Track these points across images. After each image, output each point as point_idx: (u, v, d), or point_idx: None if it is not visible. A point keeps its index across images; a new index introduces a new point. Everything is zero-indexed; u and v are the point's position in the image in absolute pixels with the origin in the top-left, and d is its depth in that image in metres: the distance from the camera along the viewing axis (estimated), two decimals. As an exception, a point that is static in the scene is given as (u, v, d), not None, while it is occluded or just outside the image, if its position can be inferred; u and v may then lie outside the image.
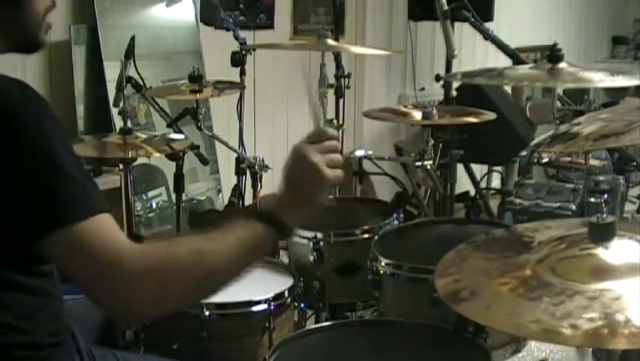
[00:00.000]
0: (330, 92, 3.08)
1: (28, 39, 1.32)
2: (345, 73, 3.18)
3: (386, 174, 3.18)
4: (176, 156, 2.57)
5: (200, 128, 2.75)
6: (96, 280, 1.19)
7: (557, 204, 3.66)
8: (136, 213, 2.76)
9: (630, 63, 7.82)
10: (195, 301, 1.49)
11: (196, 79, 2.68)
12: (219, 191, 3.66)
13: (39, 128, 1.19)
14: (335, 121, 3.02)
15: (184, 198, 3.04)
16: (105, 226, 1.20)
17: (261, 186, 2.82)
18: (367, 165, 3.14)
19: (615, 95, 5.22)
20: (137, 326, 2.00)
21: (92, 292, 1.22)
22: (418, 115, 2.78)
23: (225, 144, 2.91)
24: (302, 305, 2.23)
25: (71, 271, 1.22)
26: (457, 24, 3.19)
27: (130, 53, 2.55)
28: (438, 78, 3.98)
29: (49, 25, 1.33)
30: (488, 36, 3.10)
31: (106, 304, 1.23)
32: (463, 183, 4.48)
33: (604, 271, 1.25)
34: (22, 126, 1.17)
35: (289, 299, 2.04)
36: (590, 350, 1.74)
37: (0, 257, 1.23)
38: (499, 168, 4.67)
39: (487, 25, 3.45)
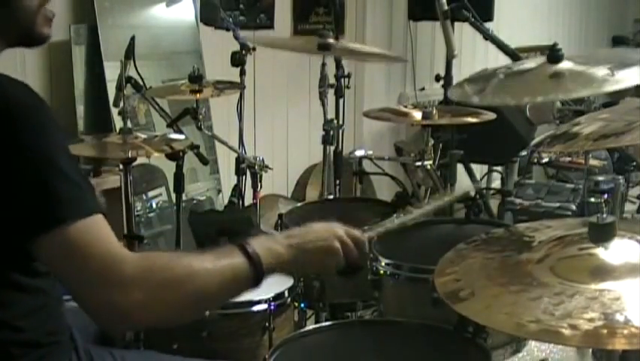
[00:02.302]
0: (330, 92, 3.08)
1: (24, 34, 1.32)
2: (345, 73, 3.17)
3: (386, 174, 3.17)
4: (176, 156, 2.57)
5: (200, 128, 2.75)
6: (91, 281, 1.17)
7: (557, 204, 3.66)
8: (136, 213, 2.75)
9: (630, 63, 7.81)
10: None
11: (196, 79, 2.68)
12: (219, 191, 3.66)
13: (39, 129, 1.19)
14: (335, 121, 3.01)
15: (184, 198, 3.04)
16: (101, 227, 1.20)
17: (260, 186, 2.82)
18: (367, 165, 3.13)
19: (615, 95, 5.21)
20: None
21: (85, 295, 1.19)
22: (418, 115, 2.78)
23: (225, 144, 2.90)
24: (302, 305, 2.23)
25: (64, 273, 1.21)
26: (457, 24, 3.18)
27: (130, 53, 2.55)
28: (438, 78, 3.98)
29: (49, 17, 1.32)
30: (488, 36, 3.10)
31: (98, 307, 1.19)
32: (463, 183, 4.48)
33: (603, 272, 1.25)
34: (23, 126, 1.18)
35: (289, 299, 2.04)
36: (590, 350, 1.74)
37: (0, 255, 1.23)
38: (499, 168, 4.66)
39: (487, 25, 3.44)
